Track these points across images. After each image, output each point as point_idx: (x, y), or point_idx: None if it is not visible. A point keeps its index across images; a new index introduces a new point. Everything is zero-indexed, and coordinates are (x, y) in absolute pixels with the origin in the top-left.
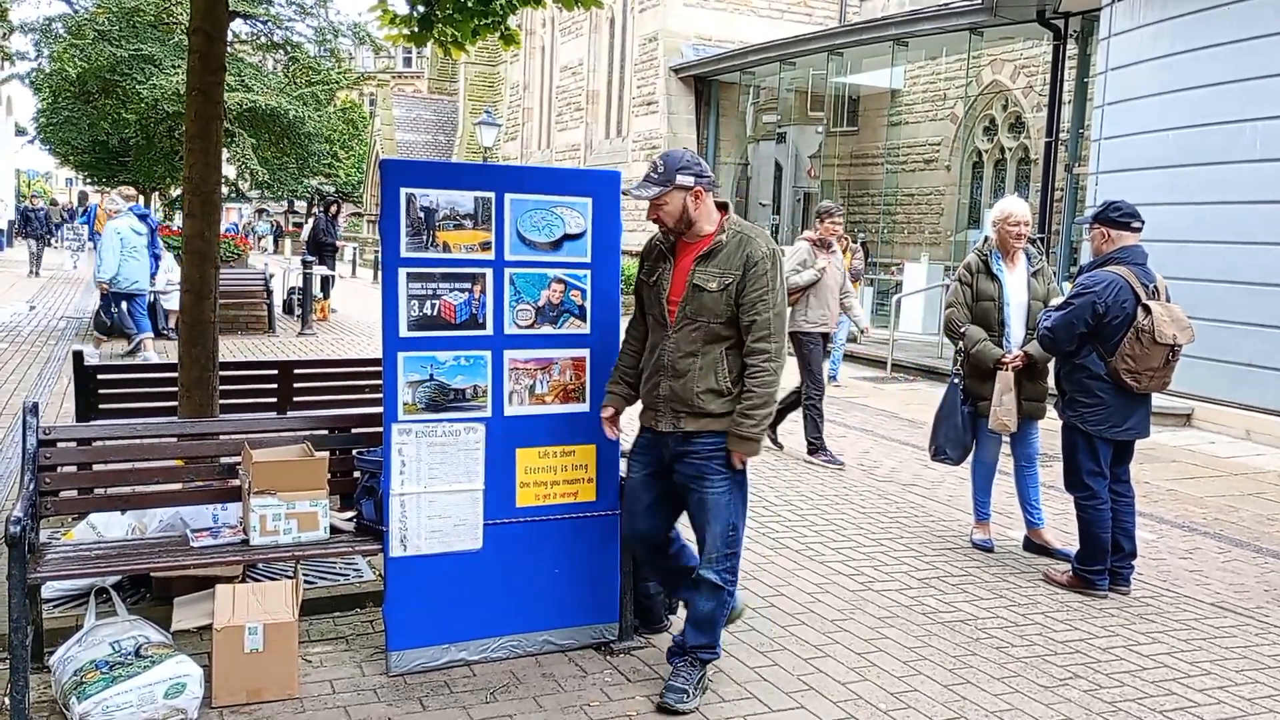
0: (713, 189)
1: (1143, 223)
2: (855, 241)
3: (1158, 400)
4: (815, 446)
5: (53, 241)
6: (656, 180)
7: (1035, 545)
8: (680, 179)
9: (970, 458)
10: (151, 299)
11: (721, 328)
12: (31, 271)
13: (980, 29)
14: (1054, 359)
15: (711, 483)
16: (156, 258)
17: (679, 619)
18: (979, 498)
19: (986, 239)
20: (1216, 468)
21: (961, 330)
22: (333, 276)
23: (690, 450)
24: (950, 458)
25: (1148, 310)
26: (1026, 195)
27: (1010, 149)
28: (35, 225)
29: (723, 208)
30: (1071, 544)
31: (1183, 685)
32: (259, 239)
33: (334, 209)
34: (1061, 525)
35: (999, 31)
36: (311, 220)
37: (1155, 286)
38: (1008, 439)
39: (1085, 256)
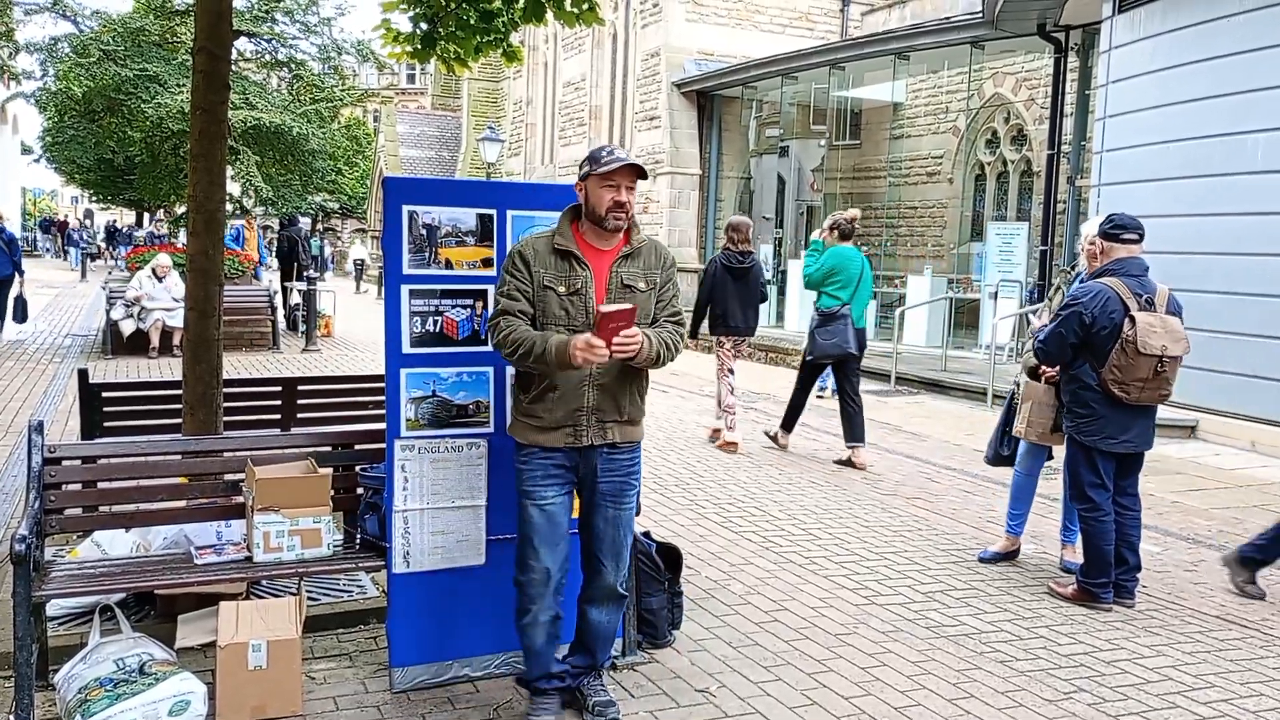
0: None
1: (1138, 234)
2: None
3: (1162, 412)
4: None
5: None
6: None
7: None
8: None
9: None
10: (18, 291)
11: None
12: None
13: (981, 42)
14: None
15: (628, 498)
16: (16, 264)
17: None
18: (1010, 509)
19: (1075, 264)
20: (1221, 480)
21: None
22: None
23: (614, 465)
24: (989, 456)
25: (1133, 321)
26: (1029, 208)
27: (1013, 162)
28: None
29: None
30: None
31: (1187, 698)
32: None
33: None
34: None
35: (1000, 45)
36: (277, 237)
37: (1150, 298)
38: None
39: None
